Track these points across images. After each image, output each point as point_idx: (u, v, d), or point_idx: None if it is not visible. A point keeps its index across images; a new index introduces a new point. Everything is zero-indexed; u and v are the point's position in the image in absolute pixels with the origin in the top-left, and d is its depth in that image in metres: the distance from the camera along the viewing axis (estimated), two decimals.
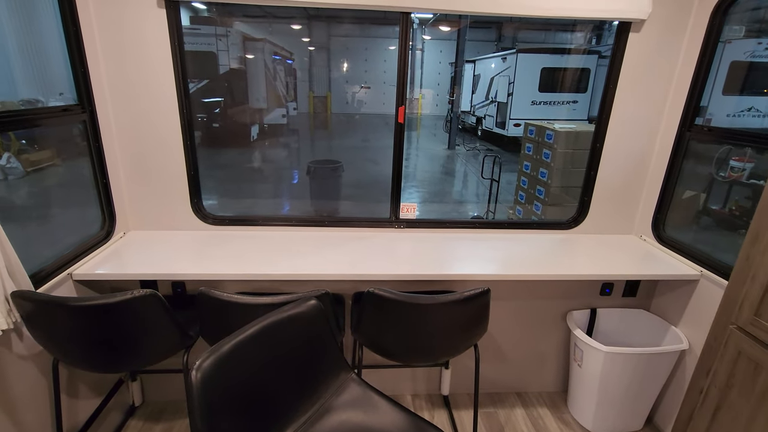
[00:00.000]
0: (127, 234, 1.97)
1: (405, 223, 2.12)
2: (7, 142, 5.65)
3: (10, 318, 1.26)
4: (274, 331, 1.18)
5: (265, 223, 2.07)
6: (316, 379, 1.26)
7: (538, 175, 4.80)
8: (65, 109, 1.61)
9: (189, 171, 1.95)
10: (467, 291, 1.35)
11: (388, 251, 1.89)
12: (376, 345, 1.52)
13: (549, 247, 1.99)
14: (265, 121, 10.79)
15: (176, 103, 1.85)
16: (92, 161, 1.78)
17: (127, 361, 1.44)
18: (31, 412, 1.43)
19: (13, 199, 4.74)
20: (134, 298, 1.27)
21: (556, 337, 2.12)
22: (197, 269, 1.64)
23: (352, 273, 1.67)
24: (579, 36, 13.36)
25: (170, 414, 2.03)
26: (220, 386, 1.02)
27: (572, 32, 13.57)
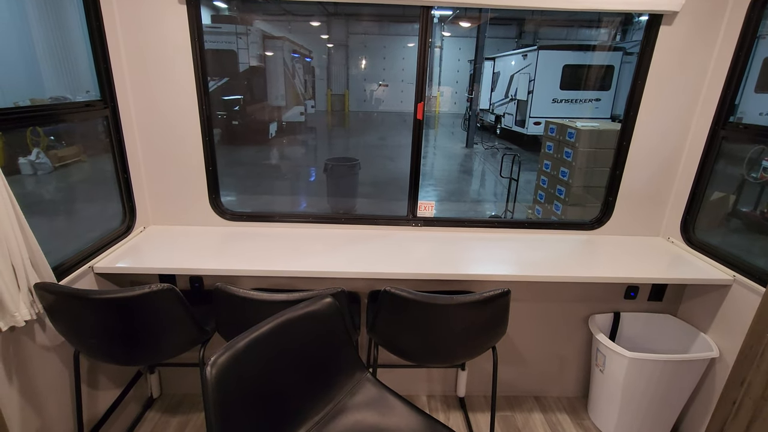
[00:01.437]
0: (147, 229, 1.99)
1: (423, 222, 2.09)
2: (37, 138, 5.83)
3: (33, 309, 1.28)
4: (289, 328, 1.16)
5: (283, 219, 2.07)
6: (331, 378, 1.24)
7: (558, 174, 4.70)
8: (88, 105, 1.63)
9: (207, 167, 1.96)
10: (487, 292, 1.31)
11: (405, 250, 1.86)
12: (391, 345, 1.50)
13: (571, 248, 1.93)
14: (283, 119, 10.87)
15: (196, 99, 1.86)
16: (113, 156, 1.80)
17: (145, 355, 1.45)
18: (53, 402, 1.46)
19: (41, 193, 4.89)
20: (152, 292, 1.28)
21: (576, 341, 2.06)
22: (215, 265, 1.64)
23: (369, 271, 1.65)
24: (603, 32, 13.03)
25: (187, 407, 2.05)
26: (234, 382, 1.01)
27: (596, 28, 13.23)
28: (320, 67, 15.13)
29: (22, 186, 4.45)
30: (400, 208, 2.18)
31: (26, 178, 5.68)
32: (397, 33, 15.80)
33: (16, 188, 1.85)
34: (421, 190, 2.09)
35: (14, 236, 1.20)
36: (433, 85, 16.08)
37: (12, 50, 3.03)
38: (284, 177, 7.70)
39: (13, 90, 4.15)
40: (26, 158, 5.68)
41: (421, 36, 1.81)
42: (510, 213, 5.86)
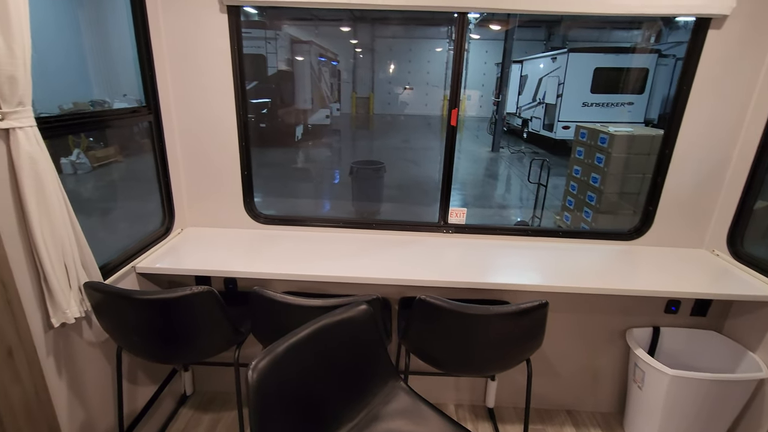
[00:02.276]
0: (184, 230, 2.05)
1: (454, 228, 2.07)
2: (77, 139, 6.11)
3: (82, 307, 1.34)
4: (325, 334, 1.17)
5: (314, 223, 2.09)
6: (365, 385, 1.24)
7: (589, 180, 4.58)
8: (134, 111, 1.69)
9: (243, 171, 2.00)
10: (524, 303, 1.28)
11: (436, 256, 1.85)
12: (423, 353, 1.49)
13: (608, 259, 1.87)
14: (309, 122, 11.03)
15: (234, 105, 1.90)
16: (155, 160, 1.86)
17: (183, 354, 1.49)
18: (97, 396, 1.52)
19: (80, 192, 5.10)
20: (192, 294, 1.31)
21: (613, 355, 2.00)
22: (248, 267, 1.68)
23: (400, 278, 1.65)
24: (636, 34, 12.64)
25: (218, 405, 2.10)
26: (274, 386, 1.03)
27: (629, 30, 12.85)
28: (346, 71, 15.27)
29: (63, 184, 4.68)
30: (426, 213, 2.17)
31: (67, 177, 5.95)
32: (423, 36, 15.79)
33: None
34: (432, 192, 2.07)
35: (67, 237, 1.26)
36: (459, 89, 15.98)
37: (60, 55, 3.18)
38: (309, 179, 7.80)
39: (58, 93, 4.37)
40: (67, 158, 5.96)
41: (458, 41, 1.80)
42: (538, 219, 5.75)
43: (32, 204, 1.15)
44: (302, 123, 10.66)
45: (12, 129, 1.10)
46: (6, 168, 1.11)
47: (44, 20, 1.14)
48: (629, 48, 10.03)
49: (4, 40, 1.04)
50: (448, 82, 15.08)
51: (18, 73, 1.08)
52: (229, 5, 1.76)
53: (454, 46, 1.82)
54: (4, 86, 1.06)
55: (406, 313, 1.74)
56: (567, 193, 5.15)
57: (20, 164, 1.12)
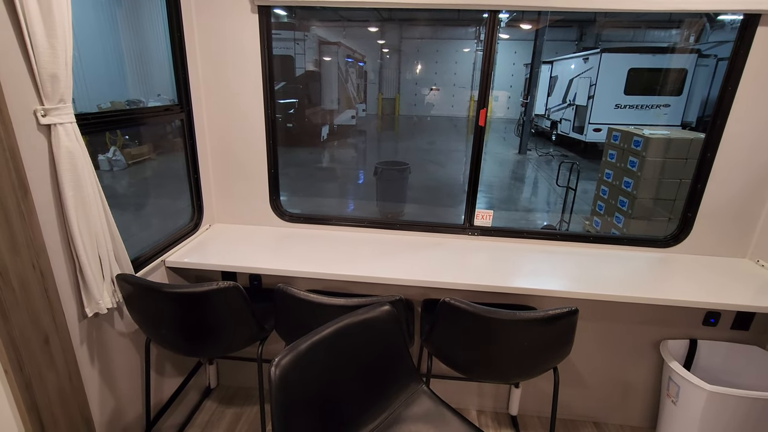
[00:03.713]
0: (212, 226, 2.09)
1: (479, 231, 2.03)
2: (114, 137, 6.37)
3: (114, 298, 1.38)
4: (348, 333, 1.17)
5: (338, 223, 2.10)
6: (387, 387, 1.23)
7: (621, 184, 4.42)
8: (167, 109, 1.74)
9: (270, 169, 2.03)
10: (553, 309, 1.24)
11: (461, 259, 1.81)
12: (447, 357, 1.46)
13: (642, 266, 1.79)
14: (335, 122, 11.12)
15: (262, 104, 1.93)
16: (186, 157, 1.91)
17: (208, 347, 1.52)
18: (126, 385, 1.57)
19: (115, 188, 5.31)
20: (219, 289, 1.33)
21: (645, 367, 1.91)
22: (273, 264, 1.69)
23: (423, 279, 1.63)
24: (674, 34, 12.14)
25: (241, 400, 2.13)
26: (296, 383, 1.03)
27: (666, 29, 12.36)
28: (372, 72, 15.33)
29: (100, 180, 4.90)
30: (450, 214, 2.14)
31: (103, 173, 6.22)
32: (450, 37, 15.67)
33: None
34: (458, 195, 2.04)
35: (102, 230, 1.30)
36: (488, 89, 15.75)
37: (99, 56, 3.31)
38: (334, 179, 7.85)
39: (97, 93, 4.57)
40: (104, 155, 6.23)
41: (488, 40, 1.77)
42: (566, 223, 5.59)
43: (70, 197, 1.20)
44: (328, 123, 10.76)
45: (53, 125, 1.15)
46: (47, 162, 1.16)
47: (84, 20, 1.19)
48: (666, 48, 9.63)
49: (47, 40, 1.08)
50: (475, 83, 14.98)
51: (59, 71, 1.12)
52: (260, 5, 1.78)
53: (484, 45, 1.79)
54: (46, 84, 1.11)
55: (429, 315, 1.72)
56: (597, 198, 4.99)
57: (60, 159, 1.16)
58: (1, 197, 0.92)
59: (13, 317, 0.98)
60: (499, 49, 15.34)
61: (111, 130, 1.52)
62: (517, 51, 15.30)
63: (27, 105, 1.09)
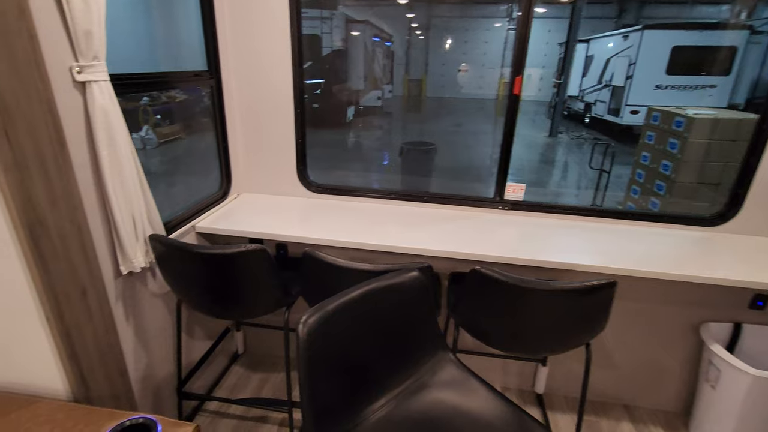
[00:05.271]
0: (240, 195, 2.11)
1: (510, 205, 1.96)
2: (146, 116, 6.53)
3: (147, 258, 1.41)
4: (375, 297, 1.15)
5: (366, 194, 2.07)
6: (412, 353, 1.21)
7: (659, 167, 4.20)
8: (197, 74, 1.74)
9: (297, 139, 2.02)
10: (590, 281, 1.18)
11: (491, 232, 1.76)
12: (474, 328, 1.43)
13: (684, 245, 1.70)
14: (360, 103, 11.04)
15: (291, 71, 1.90)
16: (215, 125, 1.92)
17: (234, 310, 1.55)
18: (158, 344, 1.62)
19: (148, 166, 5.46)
20: (247, 251, 1.34)
21: (682, 350, 1.82)
22: (299, 233, 1.69)
23: (451, 251, 1.59)
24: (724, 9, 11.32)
25: (266, 366, 2.17)
26: (322, 342, 1.02)
27: (715, 4, 11.53)
28: (399, 52, 15.04)
29: None
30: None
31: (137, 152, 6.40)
32: (481, 15, 15.14)
33: None
34: (485, 177, 1.97)
35: (134, 190, 1.32)
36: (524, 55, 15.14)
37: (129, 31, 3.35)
38: (359, 160, 7.83)
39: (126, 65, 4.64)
40: (137, 134, 6.40)
41: (525, 6, 1.67)
42: (597, 207, 5.40)
43: (105, 156, 1.21)
44: (354, 104, 10.69)
45: (88, 82, 1.16)
46: (82, 120, 1.17)
47: None
48: (715, 24, 8.99)
49: None
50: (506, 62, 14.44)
51: (93, 27, 1.12)
52: None
53: (523, 8, 1.69)
54: (81, 40, 1.11)
55: (457, 288, 1.69)
56: (632, 182, 4.78)
57: (95, 116, 1.17)
58: (40, 148, 0.94)
59: (53, 268, 1.01)
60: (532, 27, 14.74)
61: (144, 91, 1.53)
62: (551, 29, 14.65)
63: (63, 61, 1.10)
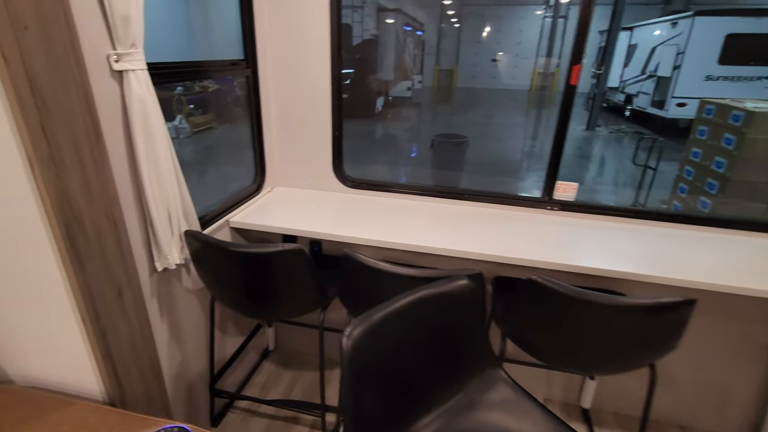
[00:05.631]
0: (273, 189, 2.05)
1: (560, 205, 1.82)
2: (180, 106, 6.61)
3: (182, 254, 1.37)
4: (423, 307, 1.06)
5: (403, 191, 1.98)
6: (460, 368, 1.12)
7: (711, 164, 3.90)
8: (233, 63, 1.68)
9: (334, 132, 1.93)
10: (665, 297, 1.05)
11: (538, 235, 1.63)
12: (524, 340, 1.32)
13: (760, 255, 1.52)
14: (390, 94, 10.88)
15: (329, 62, 1.82)
16: (251, 117, 1.86)
17: (270, 310, 1.49)
18: (191, 341, 1.59)
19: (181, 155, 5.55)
20: (284, 251, 1.27)
21: (754, 371, 1.65)
22: (334, 230, 1.62)
23: (495, 254, 1.48)
24: None
25: (298, 364, 2.13)
26: (368, 356, 0.94)
27: None
28: (430, 41, 14.73)
29: None
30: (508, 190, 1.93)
31: None
32: (517, 2, 14.60)
33: None
34: (527, 172, 1.83)
35: (170, 185, 1.27)
36: (552, 60, 14.61)
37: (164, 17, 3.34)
38: (388, 152, 7.72)
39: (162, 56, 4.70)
40: (171, 123, 6.52)
41: None
42: (641, 206, 5.11)
43: (141, 148, 1.16)
44: (383, 95, 10.55)
45: (125, 71, 1.10)
46: (119, 110, 1.12)
47: None
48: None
49: None
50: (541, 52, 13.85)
51: (131, 12, 1.06)
52: None
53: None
54: (118, 26, 1.06)
55: (502, 295, 1.58)
56: (679, 179, 4.48)
57: (131, 107, 1.12)
58: (76, 142, 0.89)
59: (89, 267, 0.96)
60: (571, 15, 14.10)
61: (181, 81, 1.48)
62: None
63: (100, 49, 1.05)
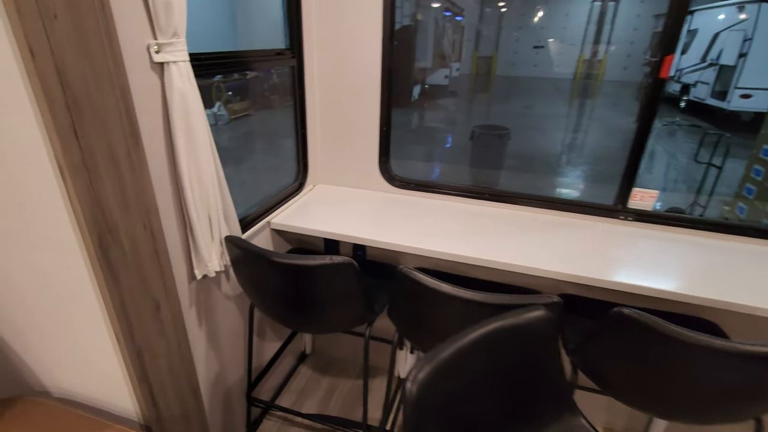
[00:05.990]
0: (315, 187, 1.94)
1: (634, 215, 1.61)
2: (219, 93, 6.64)
3: (222, 261, 1.28)
4: (495, 341, 0.91)
5: (454, 192, 1.82)
6: (535, 412, 0.97)
7: None
8: (278, 53, 1.56)
9: (382, 127, 1.79)
10: None
11: (609, 249, 1.44)
12: (597, 374, 1.15)
13: None
14: (427, 82, 10.58)
15: (380, 52, 1.66)
16: (295, 110, 1.74)
17: (312, 323, 1.38)
18: (229, 348, 1.51)
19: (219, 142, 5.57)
20: (332, 264, 1.15)
21: None
22: (381, 235, 1.49)
23: (560, 271, 1.30)
24: None
25: (335, 370, 2.04)
26: (433, 400, 0.81)
27: None
28: (469, 27, 14.19)
29: None
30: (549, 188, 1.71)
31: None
32: None
33: None
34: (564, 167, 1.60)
35: (212, 186, 1.17)
36: (600, 46, 13.75)
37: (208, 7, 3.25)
38: (424, 142, 7.50)
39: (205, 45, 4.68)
40: (210, 110, 6.56)
41: None
42: (700, 207, 4.71)
43: (182, 147, 1.06)
44: (420, 83, 10.27)
45: (166, 63, 0.99)
46: (159, 107, 1.02)
47: None
48: None
49: None
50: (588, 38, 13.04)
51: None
52: None
53: None
54: (159, 13, 0.94)
55: (570, 317, 1.40)
56: (746, 179, 4.06)
57: (172, 102, 1.02)
58: (111, 145, 0.79)
59: (124, 280, 0.88)
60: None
61: (224, 73, 1.37)
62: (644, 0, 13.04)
63: (139, 39, 0.94)
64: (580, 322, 1.39)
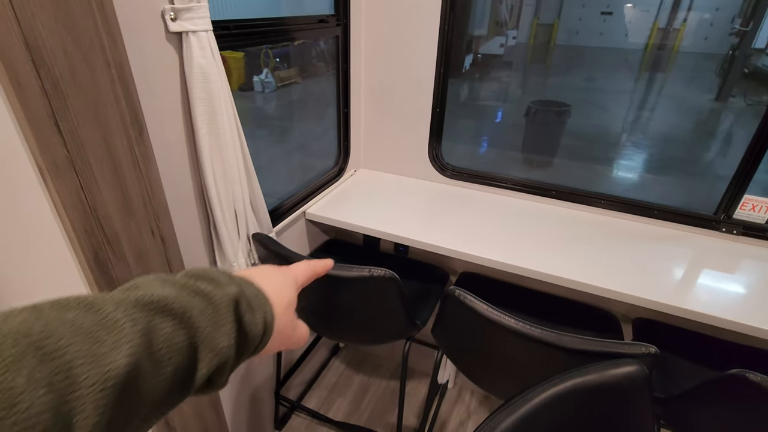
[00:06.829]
0: (357, 172, 1.77)
1: (742, 228, 1.31)
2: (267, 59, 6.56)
3: (249, 259, 1.15)
4: (571, 401, 0.72)
5: (514, 187, 1.58)
6: None
7: None
8: (321, 20, 1.35)
9: (435, 108, 1.56)
10: None
11: (709, 269, 1.18)
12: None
13: None
14: (480, 51, 9.92)
15: (438, 21, 1.42)
16: (338, 85, 1.54)
17: (347, 335, 1.26)
18: None
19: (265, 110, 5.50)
20: (373, 278, 0.98)
21: None
22: (427, 235, 1.30)
23: (642, 296, 1.07)
24: None
25: (368, 368, 1.93)
26: None
27: None
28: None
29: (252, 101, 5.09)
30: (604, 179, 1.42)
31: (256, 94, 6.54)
32: None
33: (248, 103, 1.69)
34: (621, 148, 1.30)
35: (239, 177, 1.02)
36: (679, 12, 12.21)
37: None
38: (473, 117, 7.07)
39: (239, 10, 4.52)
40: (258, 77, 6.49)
41: None
42: None
43: (204, 133, 0.91)
44: (473, 52, 9.64)
45: (185, 33, 0.83)
46: (177, 87, 0.87)
47: None
48: None
49: None
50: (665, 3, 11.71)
51: None
52: None
53: None
54: None
55: None
56: None
57: (192, 80, 0.86)
58: (108, 137, 0.64)
59: None
60: None
61: (256, 44, 1.19)
62: None
63: (152, 3, 0.77)
64: (664, 356, 1.15)
